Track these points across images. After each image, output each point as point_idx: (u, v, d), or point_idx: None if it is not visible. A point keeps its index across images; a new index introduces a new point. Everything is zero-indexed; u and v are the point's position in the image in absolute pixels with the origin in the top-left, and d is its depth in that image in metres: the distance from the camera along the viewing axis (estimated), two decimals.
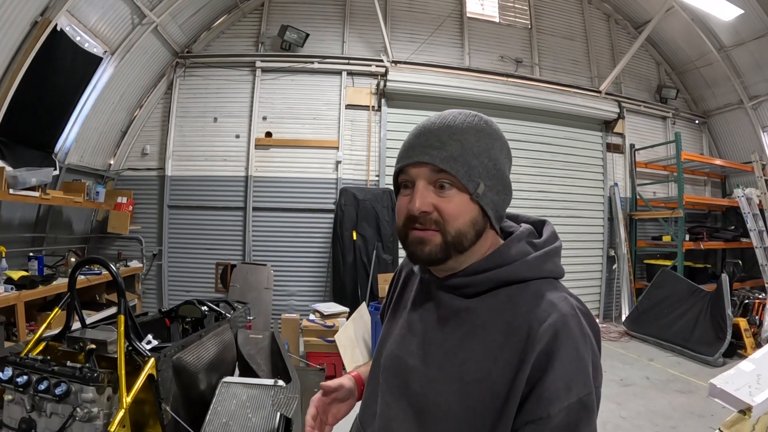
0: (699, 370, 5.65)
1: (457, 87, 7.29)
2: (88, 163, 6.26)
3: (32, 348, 2.10)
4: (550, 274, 0.91)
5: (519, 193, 7.38)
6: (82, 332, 2.21)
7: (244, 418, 2.36)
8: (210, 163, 7.14)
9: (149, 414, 2.27)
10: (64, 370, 1.85)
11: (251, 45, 7.40)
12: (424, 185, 0.88)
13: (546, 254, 0.92)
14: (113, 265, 2.27)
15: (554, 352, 0.77)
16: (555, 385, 0.75)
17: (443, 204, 0.86)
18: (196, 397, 2.52)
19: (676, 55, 8.93)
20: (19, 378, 1.82)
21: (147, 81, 6.80)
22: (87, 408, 1.79)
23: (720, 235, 8.33)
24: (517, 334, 0.81)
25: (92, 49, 5.43)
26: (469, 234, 0.87)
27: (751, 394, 2.24)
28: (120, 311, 2.10)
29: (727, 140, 9.04)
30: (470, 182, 0.86)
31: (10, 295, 4.02)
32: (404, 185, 0.93)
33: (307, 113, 7.24)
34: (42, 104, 5.10)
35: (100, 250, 6.93)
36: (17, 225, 5.31)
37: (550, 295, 0.85)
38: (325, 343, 5.03)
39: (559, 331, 0.79)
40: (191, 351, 2.57)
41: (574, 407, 0.75)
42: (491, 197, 0.89)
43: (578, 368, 0.77)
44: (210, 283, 7.05)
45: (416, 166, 0.89)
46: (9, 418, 1.87)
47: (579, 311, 0.84)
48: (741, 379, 2.30)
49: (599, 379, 0.82)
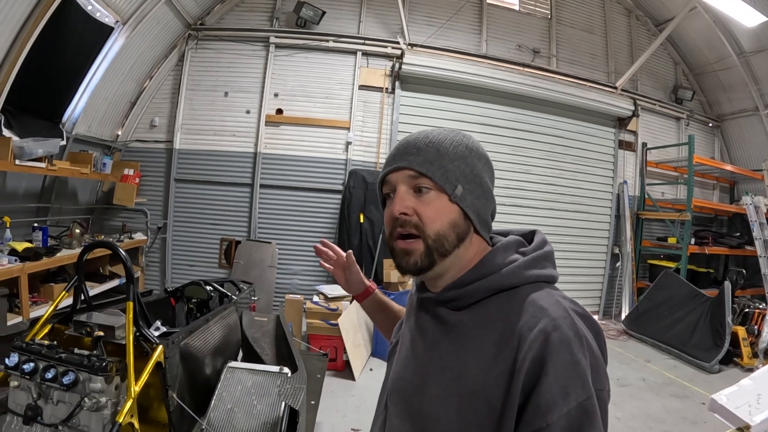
0: (695, 375, 5.68)
1: (473, 74, 7.18)
2: (96, 134, 6.20)
3: (38, 331, 2.09)
4: (540, 279, 0.90)
5: (528, 185, 7.53)
6: (88, 315, 2.19)
7: (248, 404, 2.37)
8: (219, 138, 7.08)
9: (154, 397, 2.27)
10: (71, 357, 1.83)
11: (266, 20, 7.27)
12: (405, 190, 0.91)
13: (534, 259, 0.92)
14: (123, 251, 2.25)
15: (547, 358, 0.75)
16: (551, 392, 0.73)
17: (422, 207, 0.90)
18: (201, 382, 2.52)
19: (695, 57, 8.79)
20: (25, 365, 1.81)
21: (158, 52, 6.69)
22: (95, 398, 1.78)
23: (725, 241, 8.29)
24: (509, 343, 0.80)
25: (104, 19, 5.32)
26: (449, 236, 0.89)
27: (750, 413, 2.24)
28: (129, 297, 2.08)
29: (739, 146, 8.96)
30: (447, 184, 0.90)
31: (14, 267, 3.97)
32: (388, 196, 0.96)
33: (319, 92, 7.16)
34: (51, 74, 5.01)
35: (105, 222, 6.92)
36: (22, 195, 5.28)
37: (540, 300, 0.83)
38: (327, 326, 5.03)
39: (551, 335, 0.76)
40: (198, 336, 2.56)
41: (574, 413, 0.72)
42: (471, 200, 0.92)
43: (574, 372, 0.74)
44: (214, 258, 7.05)
45: (395, 172, 0.93)
46: (15, 404, 1.85)
47: (573, 312, 0.82)
48: (741, 397, 2.30)
49: (602, 381, 0.78)
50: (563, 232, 7.81)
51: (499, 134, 7.47)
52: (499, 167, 7.31)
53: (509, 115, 7.55)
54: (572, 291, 7.76)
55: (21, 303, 4.02)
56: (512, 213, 7.40)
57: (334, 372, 4.92)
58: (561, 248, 7.76)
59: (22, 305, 4.02)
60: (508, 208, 7.35)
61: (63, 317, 2.23)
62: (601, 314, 8.15)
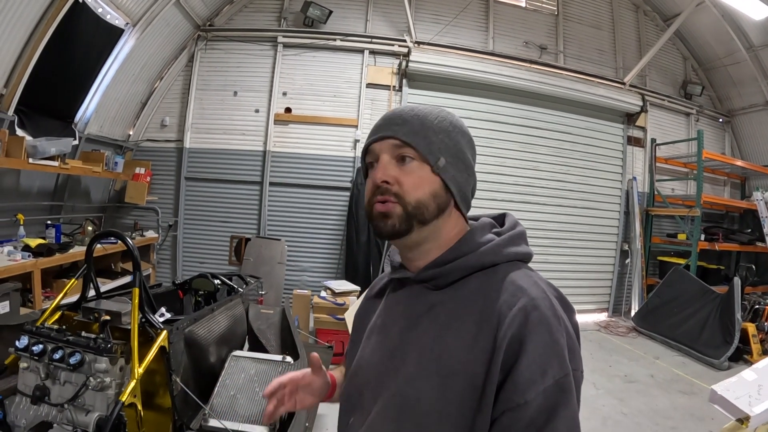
0: (704, 372, 5.63)
1: (480, 71, 7.20)
2: (108, 134, 6.33)
3: (48, 317, 2.16)
4: (517, 257, 0.92)
5: (537, 181, 7.54)
6: (97, 303, 2.26)
7: (251, 391, 2.42)
8: (228, 137, 7.18)
9: (160, 384, 2.33)
10: (78, 340, 1.89)
11: (273, 20, 7.36)
12: (388, 159, 0.93)
13: (510, 238, 0.94)
14: (129, 239, 2.32)
15: (526, 336, 0.77)
16: (529, 370, 0.75)
17: (404, 177, 0.91)
18: (205, 369, 2.57)
19: (704, 51, 8.70)
20: (34, 347, 1.87)
21: (168, 53, 6.82)
22: (100, 378, 1.84)
23: (736, 237, 8.20)
24: (489, 322, 0.81)
25: (114, 21, 5.44)
26: (430, 206, 0.91)
27: (750, 404, 2.24)
28: (135, 284, 2.14)
29: (750, 141, 8.84)
30: (430, 155, 0.91)
31: (27, 262, 4.10)
32: (371, 165, 0.97)
33: (327, 90, 7.23)
34: (63, 75, 5.13)
35: (117, 220, 7.05)
36: (36, 193, 5.41)
37: (519, 281, 0.85)
38: (334, 320, 5.07)
39: (530, 315, 0.78)
40: (203, 324, 2.61)
41: (550, 390, 0.74)
42: (453, 173, 0.93)
43: (552, 351, 0.77)
44: (224, 255, 7.14)
45: (380, 141, 0.94)
46: (24, 385, 1.92)
47: (550, 294, 0.84)
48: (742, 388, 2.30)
49: (577, 362, 0.81)
50: (572, 229, 7.79)
51: (507, 131, 7.46)
52: (507, 164, 7.28)
53: (517, 111, 7.54)
54: (582, 287, 7.76)
55: (34, 297, 4.13)
56: (521, 210, 7.36)
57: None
58: (570, 245, 7.76)
59: (35, 300, 4.13)
60: (518, 205, 7.34)
61: (72, 305, 2.30)
62: (611, 311, 8.10)
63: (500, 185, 7.30)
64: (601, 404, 4.52)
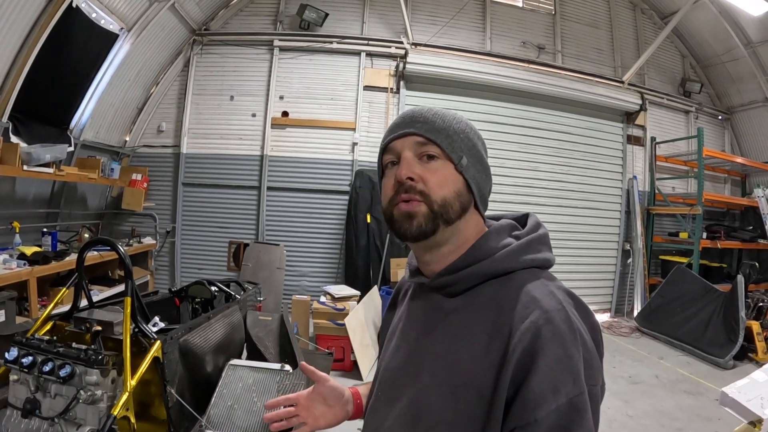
0: (709, 371, 5.58)
1: (478, 72, 7.17)
2: (104, 140, 6.28)
3: (39, 327, 2.11)
4: (534, 263, 0.88)
5: (537, 181, 7.50)
6: (89, 312, 2.22)
7: (249, 402, 2.36)
8: (225, 142, 7.14)
9: (155, 394, 2.28)
10: (69, 351, 1.85)
11: (269, 24, 7.33)
12: (411, 156, 0.90)
13: (528, 242, 0.89)
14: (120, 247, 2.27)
15: (537, 351, 0.73)
16: (540, 387, 0.71)
17: (429, 174, 0.88)
18: (202, 379, 2.53)
19: (702, 49, 8.68)
20: (24, 359, 1.83)
21: (163, 58, 6.78)
22: (91, 390, 1.79)
23: (737, 235, 8.17)
24: (501, 334, 0.78)
25: (108, 26, 5.39)
26: (454, 205, 0.87)
27: (762, 406, 2.19)
28: (127, 293, 2.10)
29: (750, 138, 8.82)
30: (454, 153, 0.89)
31: (23, 270, 4.05)
32: (390, 163, 0.94)
33: (324, 93, 7.20)
34: (57, 81, 5.08)
35: (114, 227, 7.00)
36: (31, 200, 5.36)
37: (534, 291, 0.81)
38: (334, 326, 5.01)
39: (542, 328, 0.74)
40: (198, 333, 2.57)
41: (563, 409, 0.70)
42: (473, 173, 0.92)
43: (566, 367, 0.72)
44: (222, 261, 7.10)
45: (401, 138, 0.91)
46: (14, 398, 1.87)
47: (568, 305, 0.80)
48: (753, 390, 2.24)
49: (595, 377, 0.77)
50: (573, 229, 7.75)
51: (506, 131, 7.43)
52: (507, 165, 7.26)
53: (516, 112, 7.51)
54: (583, 288, 7.70)
55: (30, 306, 4.08)
56: (521, 210, 7.28)
57: (342, 372, 4.91)
58: (571, 245, 7.70)
59: (30, 308, 4.08)
60: (517, 206, 7.28)
61: (64, 314, 2.25)
62: (613, 311, 8.05)
63: (500, 186, 7.22)
64: (606, 406, 4.44)
